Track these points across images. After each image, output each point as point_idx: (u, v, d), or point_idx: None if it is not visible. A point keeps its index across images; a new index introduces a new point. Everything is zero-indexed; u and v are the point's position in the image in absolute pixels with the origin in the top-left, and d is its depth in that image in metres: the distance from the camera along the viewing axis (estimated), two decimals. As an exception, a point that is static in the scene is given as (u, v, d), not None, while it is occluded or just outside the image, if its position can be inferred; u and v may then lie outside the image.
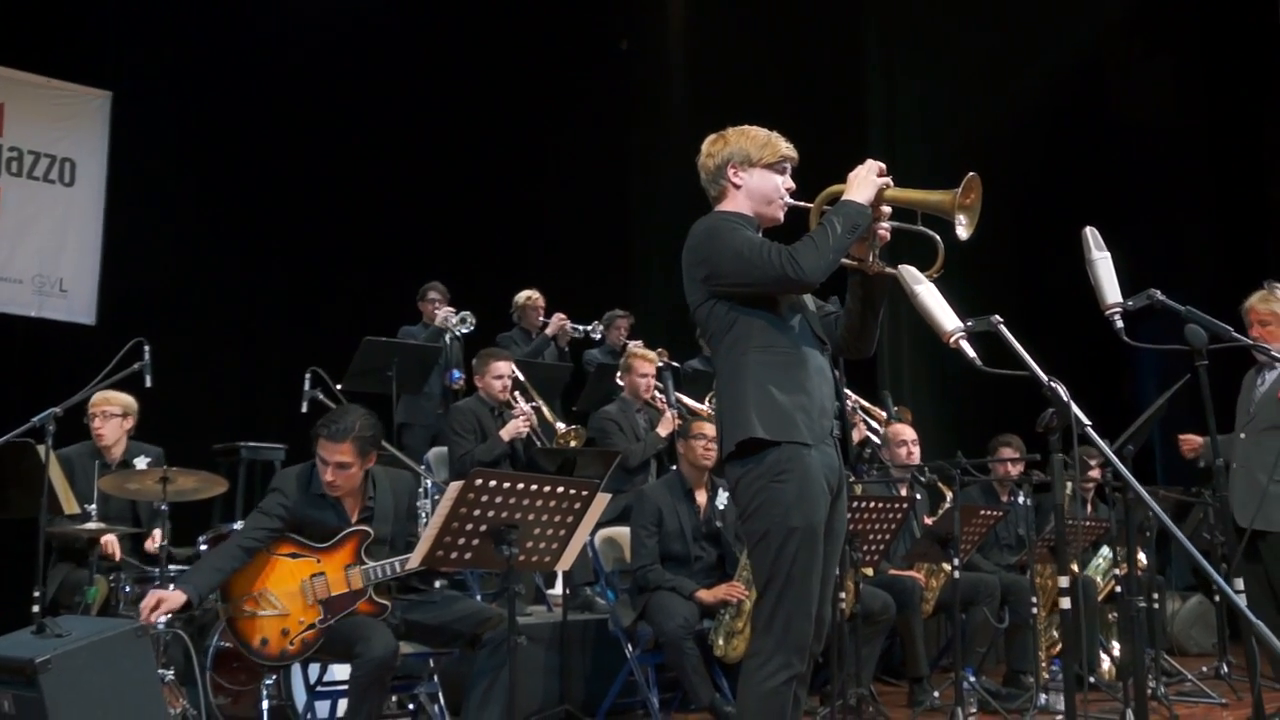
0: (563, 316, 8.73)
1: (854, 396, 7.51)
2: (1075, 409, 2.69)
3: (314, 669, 4.59)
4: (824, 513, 3.30)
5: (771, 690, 3.21)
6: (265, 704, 4.96)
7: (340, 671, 4.46)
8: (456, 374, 8.34)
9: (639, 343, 8.61)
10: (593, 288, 10.30)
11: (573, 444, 6.78)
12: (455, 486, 3.63)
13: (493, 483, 3.66)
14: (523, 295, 8.80)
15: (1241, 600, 3.17)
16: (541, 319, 8.73)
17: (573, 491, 3.83)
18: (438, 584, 4.75)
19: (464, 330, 8.29)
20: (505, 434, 6.65)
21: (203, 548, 5.64)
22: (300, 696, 4.83)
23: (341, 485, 4.41)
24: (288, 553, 4.40)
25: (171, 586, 4.23)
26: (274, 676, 4.96)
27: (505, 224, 10.78)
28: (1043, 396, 2.81)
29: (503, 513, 3.70)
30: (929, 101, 10.49)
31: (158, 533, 5.64)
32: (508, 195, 10.79)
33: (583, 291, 9.62)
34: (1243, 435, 5.33)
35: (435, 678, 4.75)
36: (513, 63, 10.80)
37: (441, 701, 4.75)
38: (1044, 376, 2.78)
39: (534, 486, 3.74)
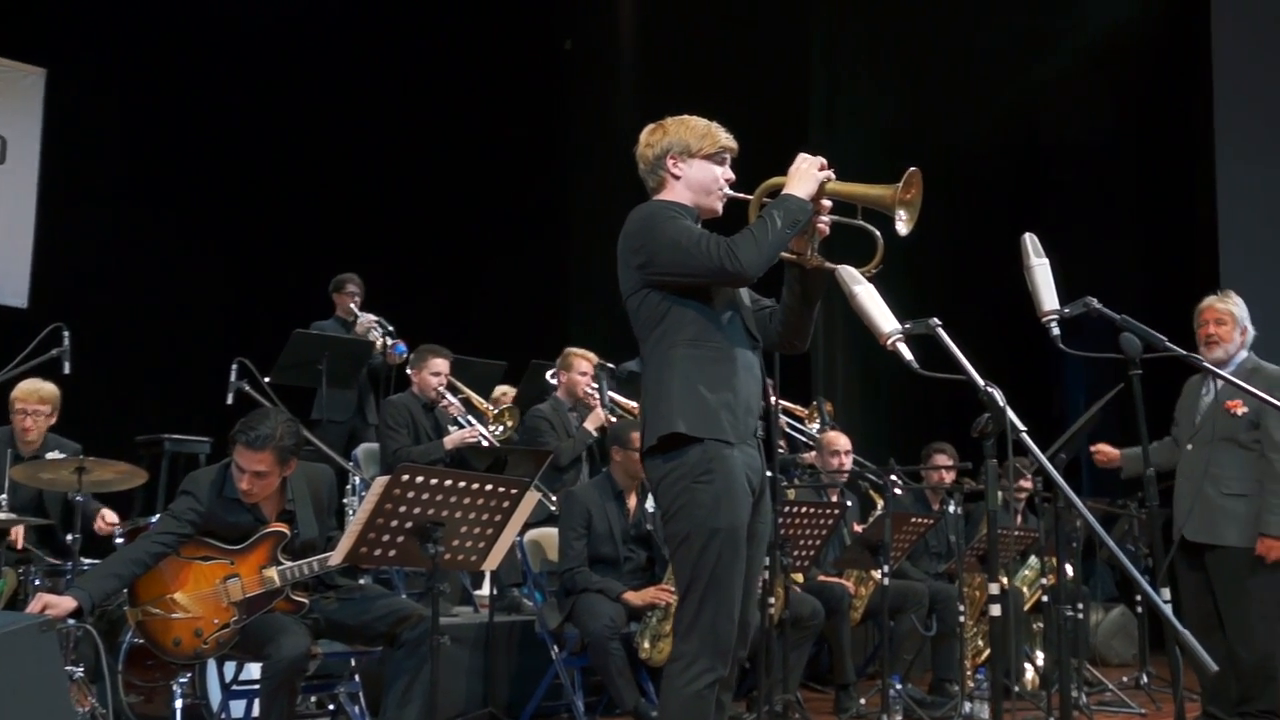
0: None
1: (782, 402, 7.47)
2: (1011, 415, 2.67)
3: (229, 667, 4.47)
4: (746, 514, 3.25)
5: (695, 694, 3.15)
6: (179, 702, 4.85)
7: (257, 670, 4.33)
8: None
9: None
10: (530, 290, 10.23)
11: (508, 422, 6.71)
12: (380, 482, 3.55)
13: (419, 479, 3.57)
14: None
15: (1168, 610, 3.16)
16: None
17: (501, 490, 3.75)
18: (362, 580, 4.64)
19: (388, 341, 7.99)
20: (450, 443, 6.51)
21: (119, 541, 5.48)
22: (215, 695, 4.72)
23: (258, 494, 4.27)
24: (200, 556, 4.24)
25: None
26: (188, 675, 4.85)
27: (441, 222, 10.67)
28: (974, 403, 2.78)
29: (429, 510, 3.61)
30: (871, 103, 10.54)
31: (107, 512, 5.57)
32: (444, 193, 10.69)
33: (520, 294, 9.54)
34: (1189, 446, 5.20)
35: (356, 677, 4.65)
36: (453, 60, 10.72)
37: (362, 702, 4.66)
38: (980, 381, 2.75)
39: (461, 484, 3.66)
